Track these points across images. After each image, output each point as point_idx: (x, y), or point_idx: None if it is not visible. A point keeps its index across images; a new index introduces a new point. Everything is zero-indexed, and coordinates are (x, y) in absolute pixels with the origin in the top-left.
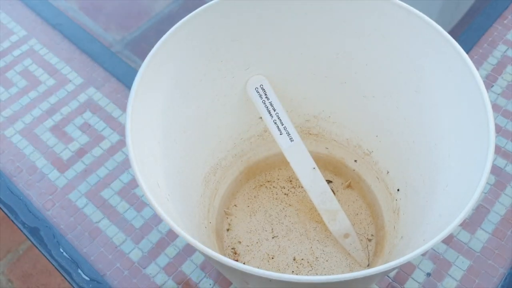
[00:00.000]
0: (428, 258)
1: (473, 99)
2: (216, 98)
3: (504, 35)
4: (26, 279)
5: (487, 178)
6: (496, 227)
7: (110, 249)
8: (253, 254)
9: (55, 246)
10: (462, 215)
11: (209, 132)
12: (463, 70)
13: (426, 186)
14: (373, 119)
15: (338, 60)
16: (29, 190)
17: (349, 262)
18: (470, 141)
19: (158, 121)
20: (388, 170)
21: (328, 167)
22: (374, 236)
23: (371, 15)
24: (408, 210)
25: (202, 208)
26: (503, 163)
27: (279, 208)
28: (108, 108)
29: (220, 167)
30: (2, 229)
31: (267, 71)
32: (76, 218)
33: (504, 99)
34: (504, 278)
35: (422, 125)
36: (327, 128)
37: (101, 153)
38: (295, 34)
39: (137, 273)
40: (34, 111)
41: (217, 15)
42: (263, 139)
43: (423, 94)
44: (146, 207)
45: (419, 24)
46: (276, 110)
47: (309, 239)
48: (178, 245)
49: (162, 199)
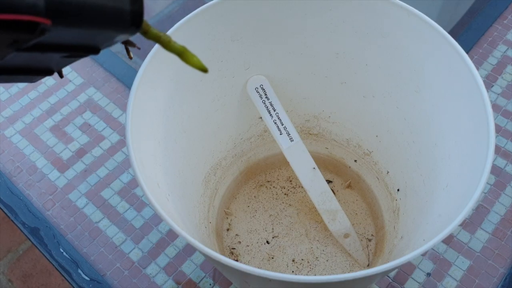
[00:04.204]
0: (428, 258)
1: (473, 99)
2: (216, 98)
3: (504, 35)
4: (26, 279)
5: (487, 178)
6: (496, 227)
7: (110, 249)
8: (253, 254)
9: (55, 246)
10: (462, 215)
11: (209, 132)
12: (463, 70)
13: (426, 186)
14: (373, 119)
15: (338, 60)
16: (29, 190)
17: (349, 262)
18: (470, 141)
19: (158, 121)
20: (388, 170)
21: (328, 167)
22: (374, 236)
23: (371, 15)
24: (408, 210)
25: (202, 208)
26: (503, 163)
27: (279, 208)
28: (108, 108)
29: (220, 167)
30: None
31: (267, 71)
32: (76, 218)
33: (504, 99)
34: (504, 278)
35: (422, 125)
36: (327, 128)
37: (101, 153)
38: (295, 34)
39: (137, 273)
40: (34, 111)
41: (217, 15)
42: (263, 139)
43: (423, 94)
44: (146, 207)
45: (419, 24)
46: (276, 110)
47: (309, 239)
48: (178, 245)
49: (162, 199)
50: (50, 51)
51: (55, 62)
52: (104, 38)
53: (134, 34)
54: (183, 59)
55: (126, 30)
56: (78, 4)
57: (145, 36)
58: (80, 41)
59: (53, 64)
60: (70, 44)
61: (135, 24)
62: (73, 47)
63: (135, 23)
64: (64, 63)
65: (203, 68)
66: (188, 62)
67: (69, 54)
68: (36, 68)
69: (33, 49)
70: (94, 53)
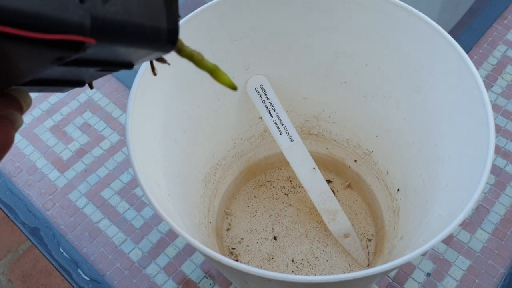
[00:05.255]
0: (428, 258)
1: (473, 99)
2: (216, 98)
3: (504, 35)
4: (26, 279)
5: (487, 178)
6: (496, 227)
7: (110, 249)
8: (253, 254)
9: (55, 246)
10: (462, 215)
11: (209, 132)
12: (463, 70)
13: (426, 186)
14: (373, 119)
15: (338, 60)
16: (29, 190)
17: (349, 262)
18: (470, 141)
19: (158, 121)
20: (388, 170)
21: (328, 167)
22: (374, 236)
23: (371, 15)
24: (408, 210)
25: (202, 208)
26: (503, 163)
27: (279, 208)
28: (108, 108)
29: (220, 167)
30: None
31: (267, 71)
32: (76, 218)
33: (504, 99)
34: (504, 278)
35: (422, 125)
36: (327, 128)
37: (101, 153)
38: (295, 34)
39: (137, 273)
40: (34, 111)
41: (216, 15)
42: (263, 139)
43: (423, 94)
44: (146, 207)
45: (419, 24)
46: (276, 110)
47: (309, 239)
48: (178, 245)
49: (162, 199)
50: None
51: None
52: (139, 55)
53: (169, 52)
54: (214, 77)
55: (162, 48)
56: (120, 23)
57: (179, 54)
58: (116, 57)
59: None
60: (107, 60)
61: (171, 42)
62: (109, 62)
63: (171, 41)
64: (97, 76)
65: (233, 86)
66: (218, 80)
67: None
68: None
69: (71, 63)
70: (128, 68)
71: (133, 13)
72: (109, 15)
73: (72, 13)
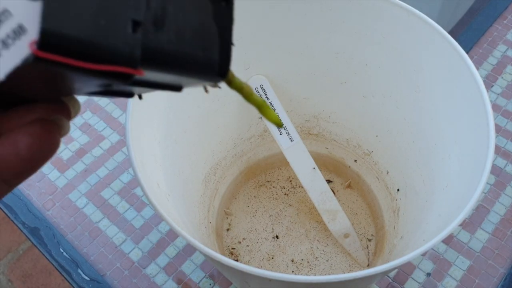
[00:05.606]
0: (428, 258)
1: (473, 99)
2: (216, 98)
3: (504, 35)
4: (26, 279)
5: (487, 178)
6: (496, 227)
7: (110, 249)
8: (253, 254)
9: (55, 246)
10: (462, 215)
11: (209, 132)
12: (463, 70)
13: (426, 186)
14: (373, 119)
15: (338, 60)
16: (29, 190)
17: (349, 262)
18: (470, 141)
19: (158, 121)
20: (388, 170)
21: (328, 167)
22: (374, 236)
23: (371, 15)
24: (408, 210)
25: (202, 208)
26: (503, 163)
27: (279, 208)
28: (108, 108)
29: (220, 167)
30: (2, 229)
31: (267, 71)
32: (76, 218)
33: (504, 99)
34: (504, 278)
35: (422, 125)
36: (327, 128)
37: (101, 153)
38: (295, 34)
39: (137, 273)
40: None
41: None
42: (263, 139)
43: (423, 94)
44: (146, 207)
45: (419, 24)
46: (276, 110)
47: (309, 239)
48: (178, 245)
49: (162, 199)
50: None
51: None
52: (188, 82)
53: (219, 82)
54: (261, 112)
55: (212, 79)
56: (171, 54)
57: (229, 85)
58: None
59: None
60: (155, 82)
61: (221, 75)
62: (158, 85)
63: (221, 73)
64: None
65: (279, 124)
66: (266, 116)
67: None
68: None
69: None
70: (177, 91)
71: (185, 42)
72: (161, 45)
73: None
